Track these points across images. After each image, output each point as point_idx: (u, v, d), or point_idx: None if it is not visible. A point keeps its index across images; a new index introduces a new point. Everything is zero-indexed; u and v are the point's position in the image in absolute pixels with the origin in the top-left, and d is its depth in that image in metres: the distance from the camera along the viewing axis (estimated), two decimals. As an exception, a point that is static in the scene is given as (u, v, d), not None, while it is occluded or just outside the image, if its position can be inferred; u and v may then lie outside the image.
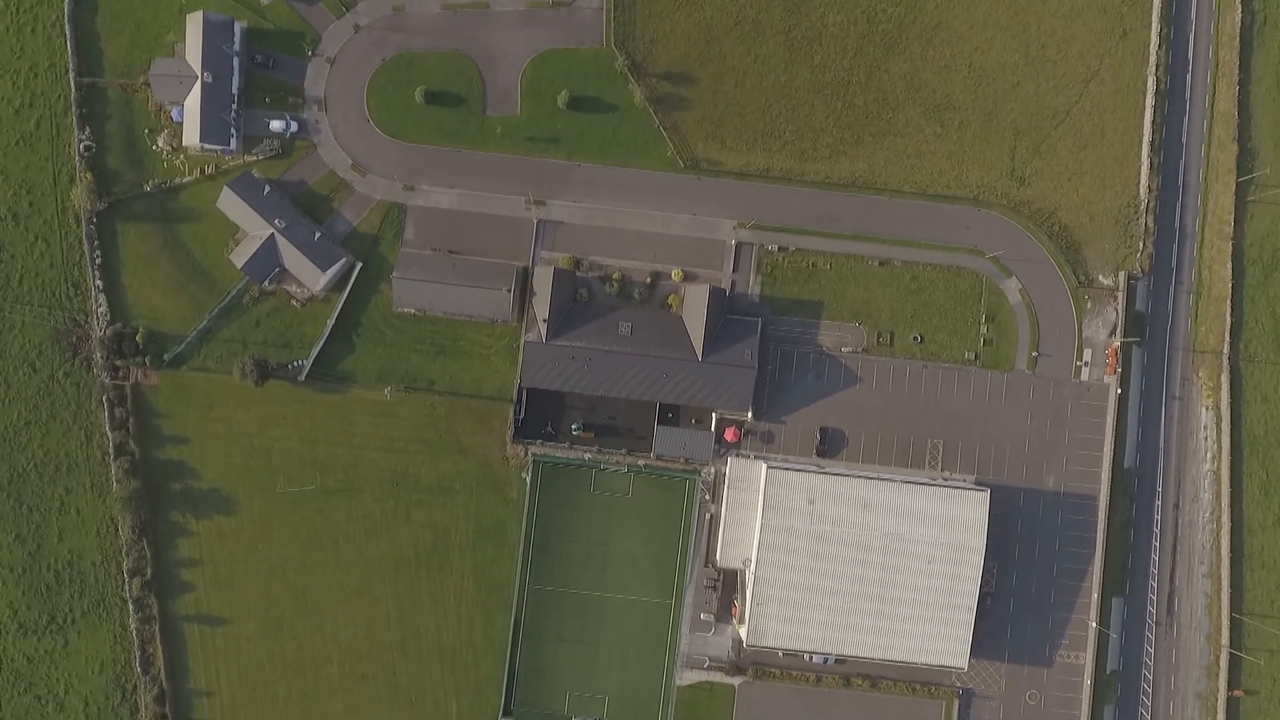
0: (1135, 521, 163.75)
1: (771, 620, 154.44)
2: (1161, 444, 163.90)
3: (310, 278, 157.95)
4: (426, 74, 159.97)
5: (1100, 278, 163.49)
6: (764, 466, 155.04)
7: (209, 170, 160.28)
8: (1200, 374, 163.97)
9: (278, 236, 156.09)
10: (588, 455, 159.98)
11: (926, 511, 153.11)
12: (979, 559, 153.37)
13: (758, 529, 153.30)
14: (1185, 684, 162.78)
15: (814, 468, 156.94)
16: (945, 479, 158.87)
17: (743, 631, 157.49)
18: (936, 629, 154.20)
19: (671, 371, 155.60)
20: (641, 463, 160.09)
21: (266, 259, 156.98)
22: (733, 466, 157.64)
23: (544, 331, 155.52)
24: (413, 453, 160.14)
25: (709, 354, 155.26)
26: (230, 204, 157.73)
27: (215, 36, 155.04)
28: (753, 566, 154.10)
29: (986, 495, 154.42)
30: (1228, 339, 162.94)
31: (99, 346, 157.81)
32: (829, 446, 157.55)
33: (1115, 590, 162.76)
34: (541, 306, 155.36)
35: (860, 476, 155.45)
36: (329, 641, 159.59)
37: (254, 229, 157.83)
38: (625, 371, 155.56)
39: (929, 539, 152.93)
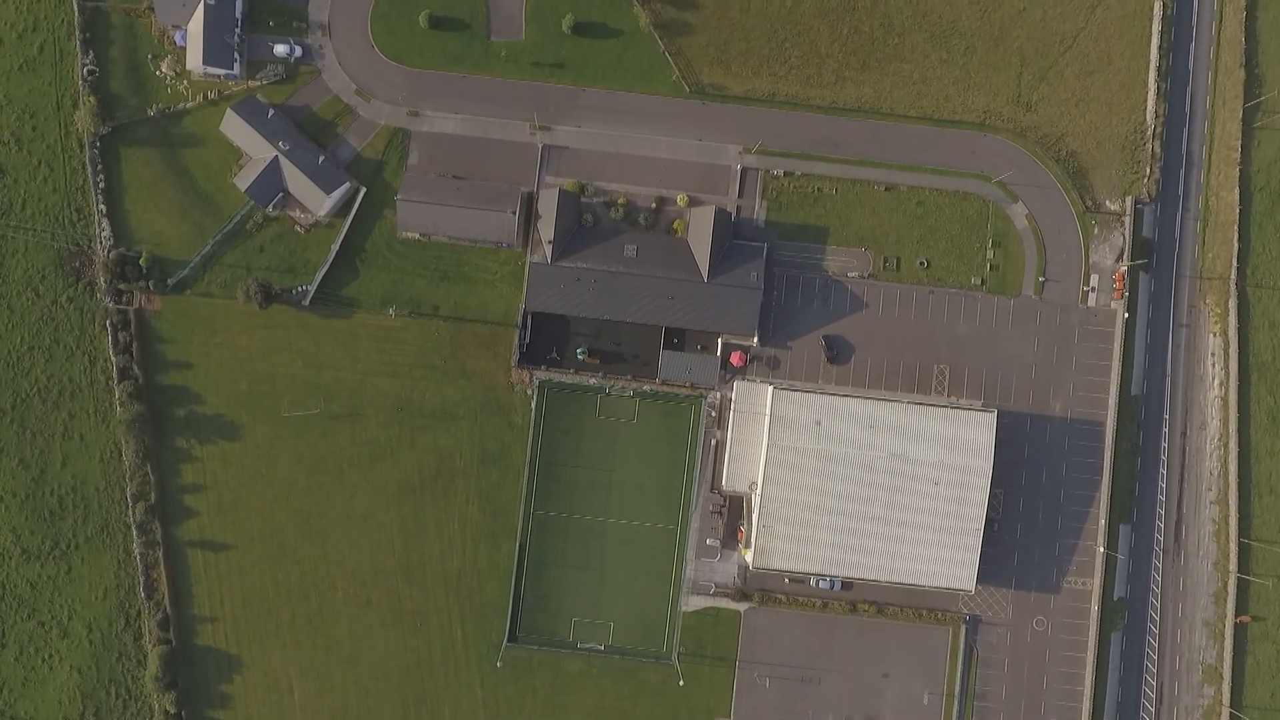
0: (1142, 449, 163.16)
1: (778, 542, 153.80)
2: (1168, 371, 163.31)
3: (314, 201, 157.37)
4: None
5: (1107, 203, 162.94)
6: (771, 388, 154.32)
7: (212, 96, 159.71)
8: (1208, 301, 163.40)
9: (282, 159, 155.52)
10: (593, 380, 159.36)
11: (933, 433, 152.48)
12: (986, 480, 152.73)
13: (764, 449, 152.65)
14: (1193, 611, 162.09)
15: (821, 389, 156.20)
16: (952, 403, 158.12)
17: (749, 555, 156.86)
18: (944, 551, 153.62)
19: (677, 293, 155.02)
20: (647, 387, 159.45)
21: (270, 182, 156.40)
22: (739, 390, 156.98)
23: (549, 253, 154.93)
24: (417, 378, 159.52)
25: (715, 276, 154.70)
26: (234, 127, 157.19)
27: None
28: (759, 488, 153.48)
29: (994, 416, 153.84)
30: (1235, 265, 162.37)
31: (102, 271, 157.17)
32: (837, 353, 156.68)
33: (1123, 517, 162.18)
34: (546, 228, 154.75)
35: (867, 397, 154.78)
36: (333, 567, 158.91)
37: (258, 152, 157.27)
38: (630, 294, 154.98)
39: (936, 460, 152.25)
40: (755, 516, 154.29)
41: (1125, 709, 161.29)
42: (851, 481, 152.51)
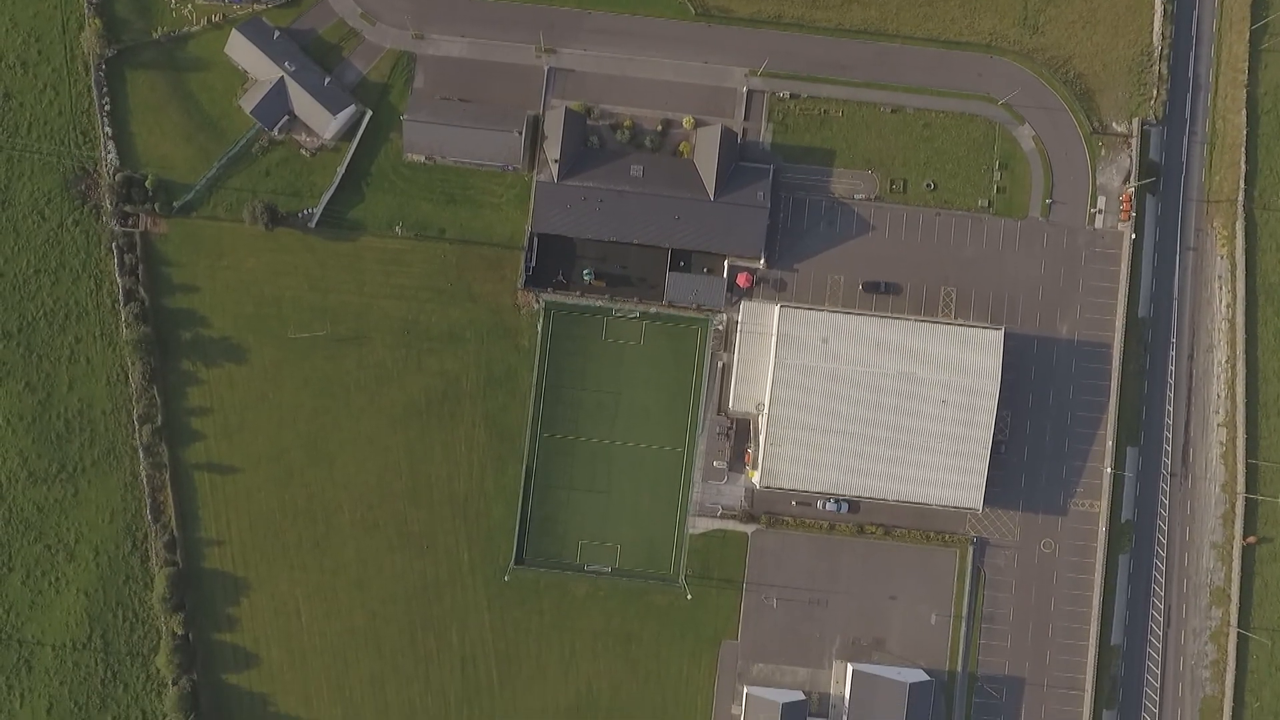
0: (1149, 372, 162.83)
1: (785, 461, 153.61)
2: (1175, 294, 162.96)
3: (320, 123, 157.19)
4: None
5: (1114, 125, 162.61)
6: (777, 305, 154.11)
7: (216, 19, 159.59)
8: (1215, 224, 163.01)
9: (287, 80, 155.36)
10: (599, 303, 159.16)
11: (940, 351, 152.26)
12: (993, 398, 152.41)
13: (771, 368, 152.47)
14: (1201, 534, 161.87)
15: (827, 308, 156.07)
16: (959, 322, 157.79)
17: (755, 477, 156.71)
18: (951, 470, 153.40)
19: (684, 212, 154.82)
20: (653, 309, 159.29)
21: (276, 103, 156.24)
22: (745, 310, 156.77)
23: (555, 172, 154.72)
24: (423, 300, 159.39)
25: (721, 195, 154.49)
26: (239, 48, 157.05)
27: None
28: (766, 407, 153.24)
29: (1001, 334, 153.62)
30: (1242, 187, 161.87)
31: (108, 193, 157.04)
32: (881, 287, 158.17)
33: (1130, 439, 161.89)
34: (553, 148, 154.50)
35: (874, 316, 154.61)
36: (340, 490, 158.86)
37: (263, 74, 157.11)
38: (636, 214, 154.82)
39: (943, 378, 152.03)
40: (762, 436, 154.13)
41: (1133, 631, 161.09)
42: (858, 401, 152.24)
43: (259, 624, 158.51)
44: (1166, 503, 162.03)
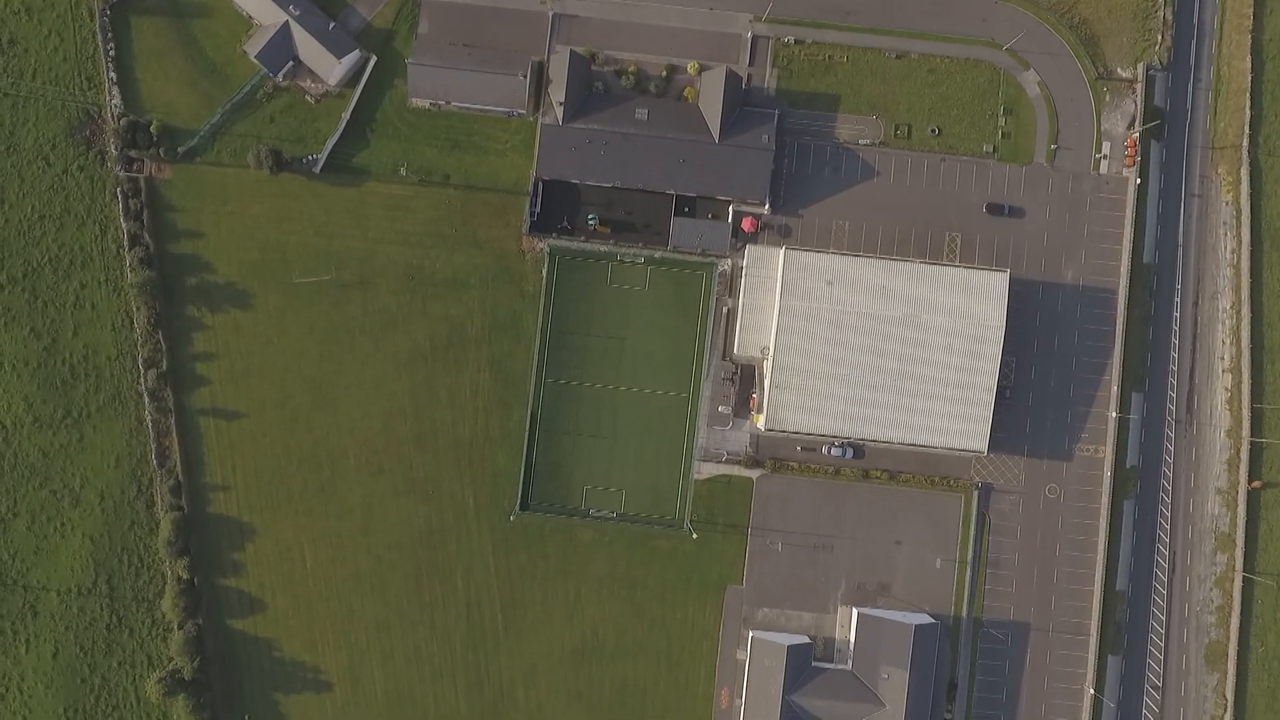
0: (1154, 318, 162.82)
1: (789, 406, 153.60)
2: (1180, 240, 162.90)
3: (325, 67, 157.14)
4: None
5: (1119, 70, 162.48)
6: (782, 249, 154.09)
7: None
8: (1219, 170, 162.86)
9: (292, 24, 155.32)
10: (604, 248, 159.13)
11: (945, 293, 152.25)
12: (999, 339, 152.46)
13: (776, 311, 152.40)
14: (1205, 479, 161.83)
15: (833, 252, 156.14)
16: (964, 265, 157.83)
17: (760, 421, 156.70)
18: (956, 412, 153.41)
19: (689, 155, 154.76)
20: (658, 254, 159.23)
21: (280, 48, 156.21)
22: (750, 254, 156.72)
23: (560, 114, 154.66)
24: (428, 246, 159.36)
25: (726, 137, 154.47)
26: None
27: None
28: (771, 351, 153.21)
29: (1006, 276, 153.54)
30: (1247, 133, 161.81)
31: (113, 138, 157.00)
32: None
33: (1135, 385, 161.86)
34: (558, 90, 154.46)
35: (879, 259, 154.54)
36: (345, 435, 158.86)
37: (267, 18, 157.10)
38: (642, 157, 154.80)
39: (948, 320, 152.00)
40: (767, 381, 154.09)
41: (1138, 577, 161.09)
42: (863, 344, 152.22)
43: (264, 569, 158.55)
44: (1171, 449, 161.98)
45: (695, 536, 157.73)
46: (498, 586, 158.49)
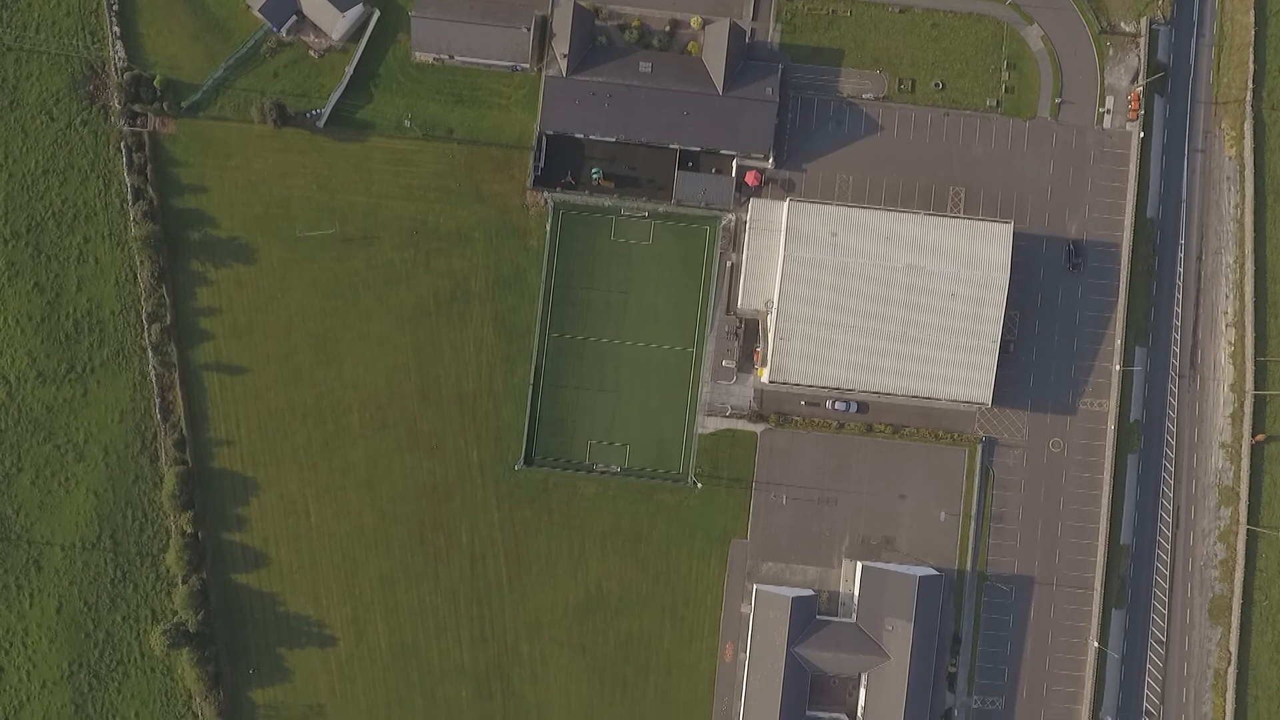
0: (1158, 272, 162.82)
1: (794, 357, 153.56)
2: (1184, 195, 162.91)
3: (328, 21, 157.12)
4: None
5: (1122, 24, 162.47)
6: (787, 200, 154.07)
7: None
8: (1223, 125, 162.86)
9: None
10: (608, 202, 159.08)
11: (950, 244, 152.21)
12: (1003, 291, 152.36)
13: (780, 261, 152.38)
14: (1209, 434, 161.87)
15: (837, 203, 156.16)
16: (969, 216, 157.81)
17: (765, 375, 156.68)
18: (960, 364, 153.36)
19: (693, 108, 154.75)
20: (662, 209, 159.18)
21: (284, 2, 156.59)
22: (754, 208, 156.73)
23: (564, 67, 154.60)
24: (432, 201, 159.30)
25: (730, 90, 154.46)
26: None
27: None
28: (775, 301, 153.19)
29: (1010, 227, 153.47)
30: (1250, 87, 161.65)
31: (116, 92, 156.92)
32: (1080, 259, 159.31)
33: (1138, 340, 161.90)
34: (562, 42, 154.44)
35: (884, 209, 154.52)
36: (349, 390, 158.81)
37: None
38: (645, 110, 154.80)
39: (953, 272, 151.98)
40: (771, 332, 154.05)
41: (1142, 531, 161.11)
42: (868, 295, 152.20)
43: (268, 524, 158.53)
44: (1175, 403, 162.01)
45: (700, 487, 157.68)
46: (502, 541, 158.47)
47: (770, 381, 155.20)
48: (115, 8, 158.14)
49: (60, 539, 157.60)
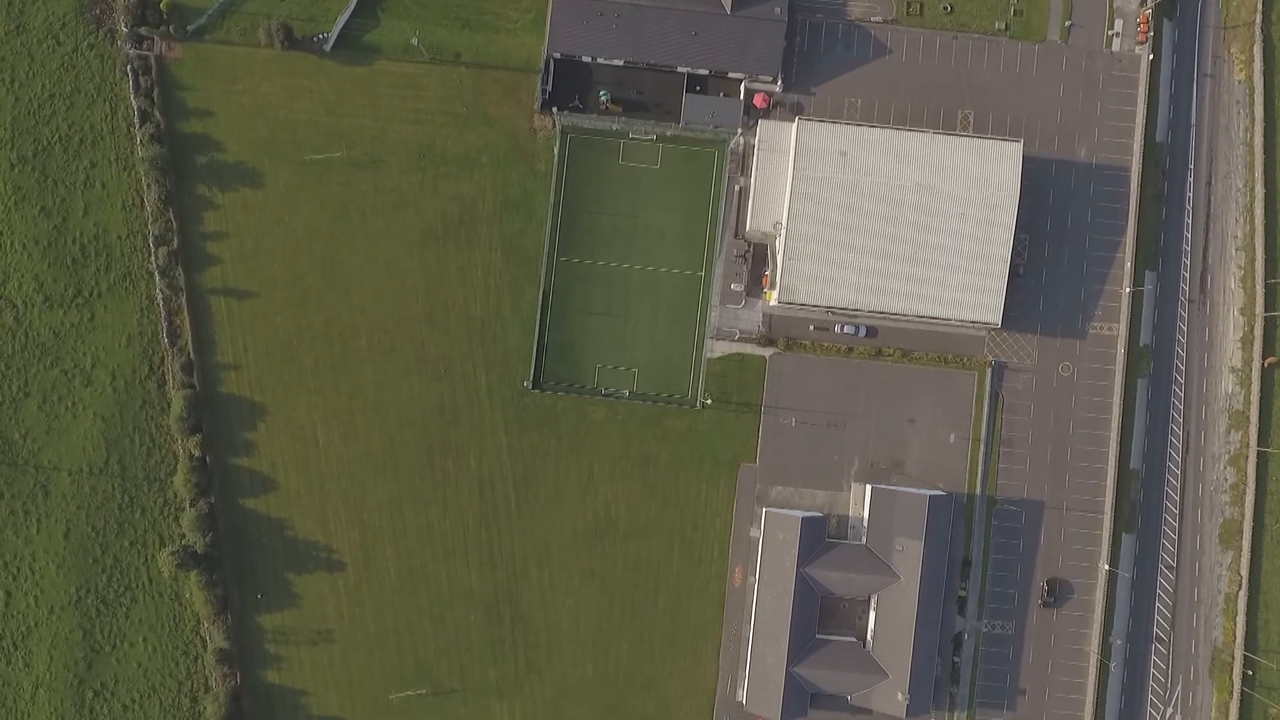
0: (1168, 197, 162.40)
1: (803, 277, 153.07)
2: (1193, 120, 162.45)
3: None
4: None
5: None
6: (796, 119, 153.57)
7: None
8: (1232, 49, 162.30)
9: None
10: (615, 125, 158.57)
11: (959, 163, 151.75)
12: (1012, 210, 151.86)
13: (789, 180, 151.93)
14: (1219, 358, 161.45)
15: (845, 121, 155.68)
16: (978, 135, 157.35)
17: (773, 297, 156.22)
18: (970, 283, 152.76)
19: (700, 28, 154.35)
20: (670, 132, 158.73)
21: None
22: (762, 129, 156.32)
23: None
24: (439, 125, 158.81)
25: (738, 9, 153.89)
26: None
27: None
28: (784, 222, 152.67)
29: (1019, 146, 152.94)
30: (1260, 10, 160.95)
31: (123, 15, 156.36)
32: (1055, 599, 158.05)
33: (1148, 264, 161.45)
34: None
35: (893, 128, 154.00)
36: (356, 314, 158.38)
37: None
38: (654, 30, 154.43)
39: (962, 190, 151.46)
40: (780, 252, 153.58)
41: (1152, 456, 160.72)
42: (877, 214, 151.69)
43: (276, 448, 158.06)
44: (1185, 328, 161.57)
45: (710, 402, 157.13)
46: (510, 465, 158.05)
47: (779, 303, 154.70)
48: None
49: (67, 464, 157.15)
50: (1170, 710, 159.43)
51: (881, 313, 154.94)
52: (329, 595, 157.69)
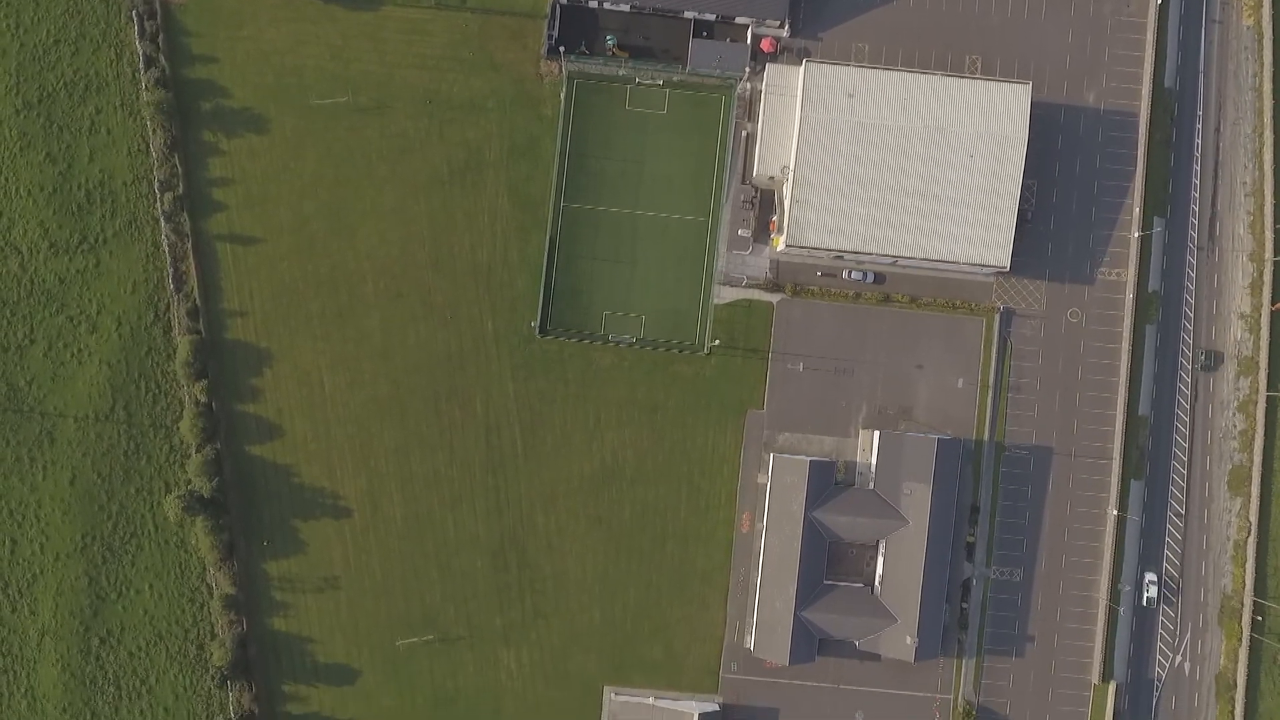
0: (1176, 144, 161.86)
1: (811, 222, 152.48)
2: (1202, 66, 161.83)
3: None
4: None
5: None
6: (804, 61, 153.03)
7: None
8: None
9: None
10: (622, 71, 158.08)
11: (968, 105, 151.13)
12: (1021, 151, 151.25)
13: (796, 123, 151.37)
14: (1228, 305, 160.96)
15: (854, 63, 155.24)
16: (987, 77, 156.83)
17: (780, 242, 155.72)
18: (978, 225, 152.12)
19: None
20: (676, 77, 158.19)
21: None
22: (770, 72, 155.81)
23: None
24: (445, 70, 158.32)
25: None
26: None
27: None
28: (792, 165, 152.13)
29: (1028, 88, 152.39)
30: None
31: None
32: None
33: (1156, 210, 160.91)
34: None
35: (901, 70, 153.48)
36: (363, 260, 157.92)
37: None
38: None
39: (971, 132, 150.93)
40: (787, 196, 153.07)
41: (1160, 403, 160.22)
42: (885, 157, 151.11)
43: (282, 395, 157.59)
44: (1193, 275, 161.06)
45: (718, 343, 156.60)
46: (517, 411, 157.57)
47: (787, 246, 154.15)
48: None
49: (73, 411, 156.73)
50: (1179, 657, 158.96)
51: (889, 256, 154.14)
52: (335, 542, 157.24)
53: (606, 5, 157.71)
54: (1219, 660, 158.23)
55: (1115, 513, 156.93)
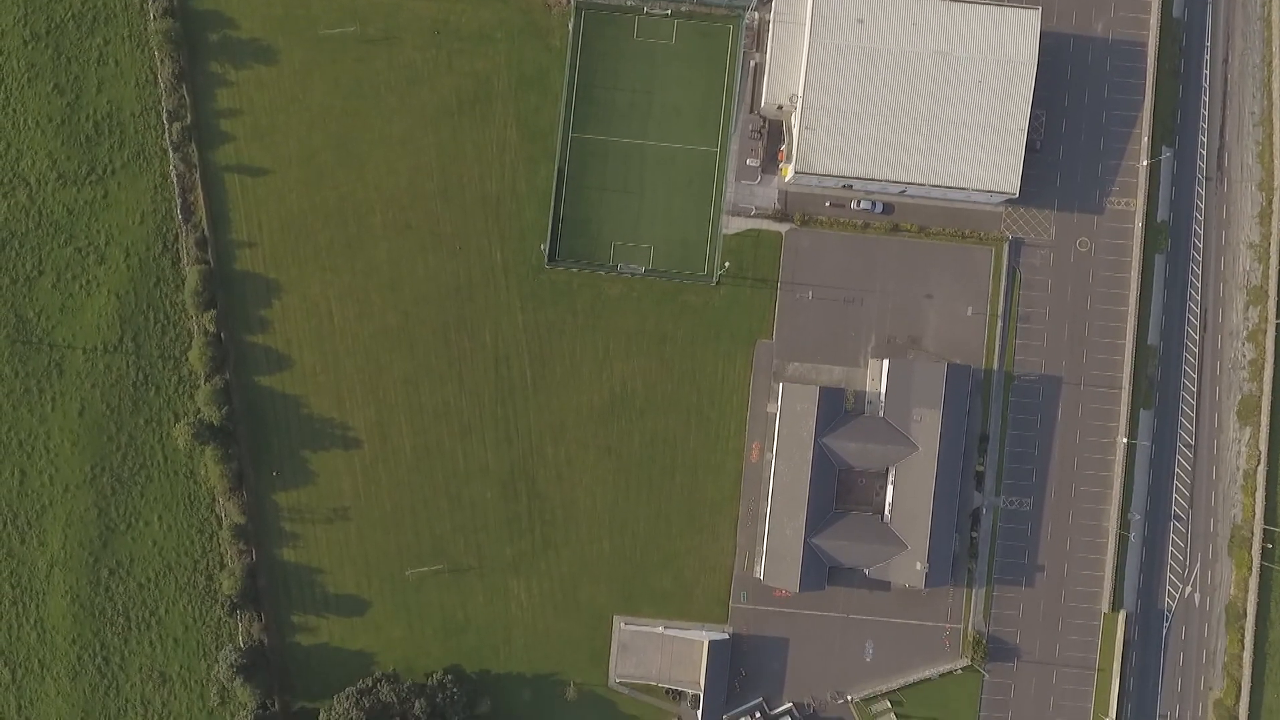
0: (1184, 75, 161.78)
1: (820, 148, 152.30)
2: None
3: None
4: None
5: None
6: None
7: None
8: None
9: None
10: (630, 1, 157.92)
11: (977, 30, 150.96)
12: (1030, 77, 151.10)
13: (805, 49, 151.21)
14: (1236, 235, 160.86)
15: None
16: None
17: (789, 172, 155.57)
18: (987, 152, 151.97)
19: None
20: (684, 7, 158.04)
21: None
22: (779, 2, 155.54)
23: None
24: (453, 0, 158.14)
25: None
26: None
27: None
28: (801, 91, 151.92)
29: (1038, 13, 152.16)
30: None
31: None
32: None
33: (1165, 140, 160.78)
34: None
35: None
36: (371, 191, 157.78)
37: None
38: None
39: (980, 57, 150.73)
40: (797, 122, 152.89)
41: (1169, 333, 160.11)
42: (894, 82, 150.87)
43: (291, 326, 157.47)
44: (1202, 205, 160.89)
45: (727, 266, 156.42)
46: (526, 342, 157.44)
47: (796, 173, 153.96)
48: None
49: (82, 342, 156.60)
50: (1189, 588, 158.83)
51: (898, 184, 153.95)
52: (345, 472, 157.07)
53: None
54: (1229, 590, 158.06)
55: (1124, 440, 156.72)
